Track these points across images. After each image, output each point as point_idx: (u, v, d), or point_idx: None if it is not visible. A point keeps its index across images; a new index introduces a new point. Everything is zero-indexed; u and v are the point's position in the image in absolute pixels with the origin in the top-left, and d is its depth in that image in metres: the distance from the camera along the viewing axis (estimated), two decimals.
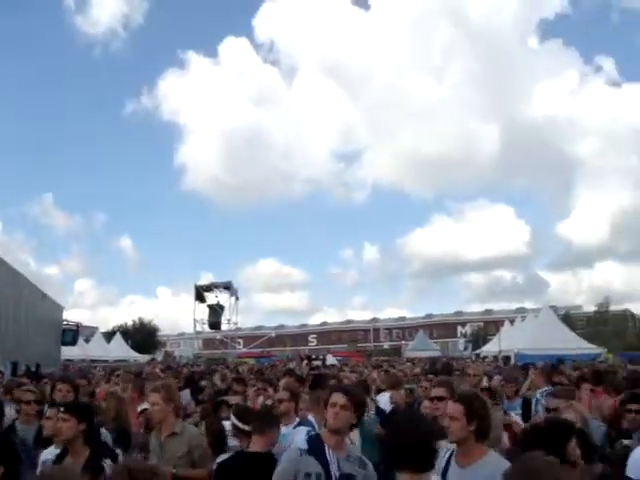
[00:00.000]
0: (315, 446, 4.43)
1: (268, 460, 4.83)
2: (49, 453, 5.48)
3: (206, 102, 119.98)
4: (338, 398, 4.49)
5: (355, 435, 6.11)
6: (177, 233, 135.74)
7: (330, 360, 39.81)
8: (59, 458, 5.17)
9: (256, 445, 5.18)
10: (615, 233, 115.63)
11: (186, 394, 11.15)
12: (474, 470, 4.13)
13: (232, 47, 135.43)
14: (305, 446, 4.47)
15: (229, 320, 59.60)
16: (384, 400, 9.08)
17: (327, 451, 4.37)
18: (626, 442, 5.30)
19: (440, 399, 5.72)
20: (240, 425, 5.76)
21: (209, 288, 58.79)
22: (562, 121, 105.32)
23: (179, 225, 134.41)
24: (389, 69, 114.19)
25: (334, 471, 4.29)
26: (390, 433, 3.64)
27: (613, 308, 68.56)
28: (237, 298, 59.27)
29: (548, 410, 5.68)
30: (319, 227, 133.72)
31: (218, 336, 66.84)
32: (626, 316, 66.82)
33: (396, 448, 3.47)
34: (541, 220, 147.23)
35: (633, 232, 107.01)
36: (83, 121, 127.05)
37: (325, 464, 4.31)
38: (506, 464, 4.10)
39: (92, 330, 56.74)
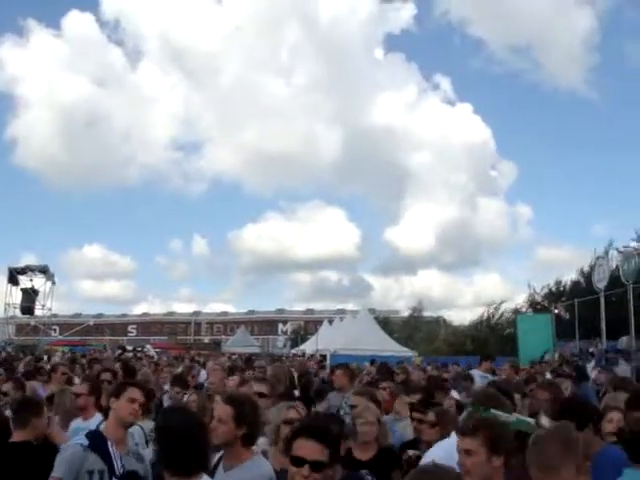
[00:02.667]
0: (97, 442, 4.26)
1: (28, 450, 4.64)
2: None
3: (44, 75, 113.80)
4: (140, 396, 4.51)
5: None
6: None
7: (151, 352, 39.19)
8: None
9: (17, 436, 4.96)
10: (439, 244, 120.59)
11: None
12: (236, 473, 4.11)
13: (76, 21, 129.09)
14: (86, 442, 4.25)
15: (44, 305, 57.33)
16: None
17: (110, 447, 4.25)
18: (411, 452, 5.33)
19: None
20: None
21: (24, 271, 56.27)
22: (398, 133, 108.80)
23: (3, 202, 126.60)
24: (237, 63, 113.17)
25: (117, 467, 4.19)
26: (162, 432, 3.56)
27: (428, 314, 71.97)
28: (54, 283, 57.04)
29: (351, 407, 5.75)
30: (151, 216, 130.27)
31: (32, 322, 64.08)
32: (439, 322, 70.10)
33: (168, 448, 3.42)
34: (371, 226, 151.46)
35: (455, 244, 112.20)
36: None
37: (108, 460, 4.18)
38: (268, 467, 4.26)
39: None
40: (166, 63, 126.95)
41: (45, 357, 23.37)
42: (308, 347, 42.03)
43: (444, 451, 4.27)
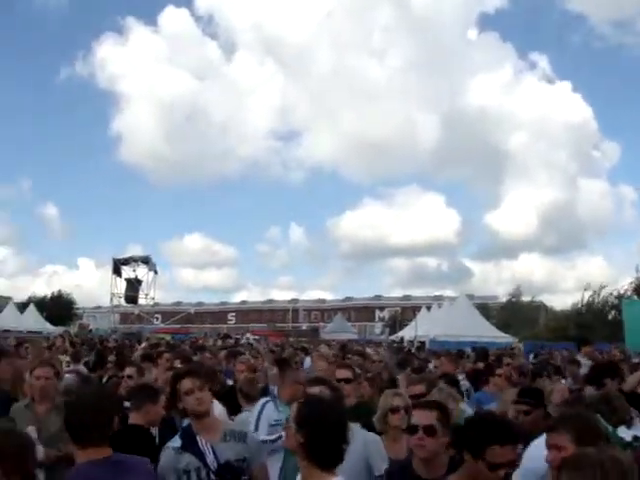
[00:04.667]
0: (188, 440, 4.30)
1: (142, 434, 4.75)
2: None
3: (145, 71, 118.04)
4: (194, 383, 4.38)
5: None
6: (106, 203, 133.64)
7: (250, 340, 39.79)
8: None
9: (132, 418, 5.15)
10: (540, 227, 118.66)
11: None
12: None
13: (172, 17, 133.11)
14: (178, 443, 4.31)
15: (147, 295, 59.06)
16: None
17: (200, 441, 4.27)
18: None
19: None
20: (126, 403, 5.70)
21: (127, 261, 58.09)
22: (496, 114, 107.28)
23: (109, 196, 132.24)
24: (330, 50, 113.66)
25: (210, 461, 4.20)
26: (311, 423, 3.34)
27: (529, 299, 70.31)
28: (156, 272, 58.83)
29: (412, 397, 5.60)
30: (251, 205, 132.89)
31: (136, 311, 66.06)
32: (539, 307, 68.61)
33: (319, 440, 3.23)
34: (470, 210, 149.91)
35: (557, 227, 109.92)
36: (14, 86, 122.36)
37: (201, 455, 4.21)
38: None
39: (6, 300, 55.23)
40: (260, 54, 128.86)
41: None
42: (406, 333, 41.78)
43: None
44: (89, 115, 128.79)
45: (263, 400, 6.14)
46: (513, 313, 62.88)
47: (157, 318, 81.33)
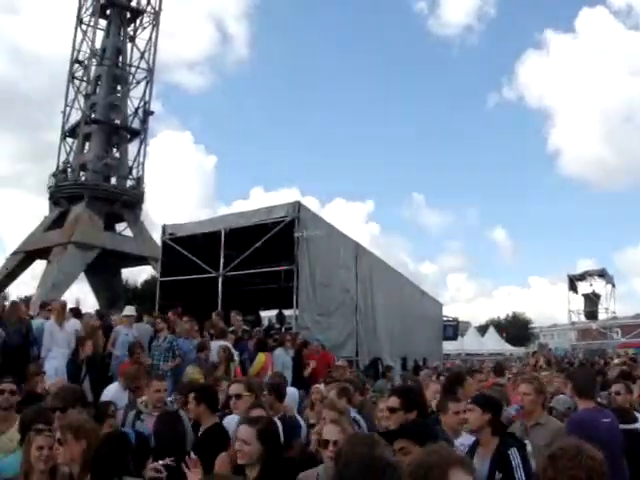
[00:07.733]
0: None
1: None
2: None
3: (571, 81, 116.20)
4: None
5: None
6: (552, 220, 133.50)
7: None
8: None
9: None
10: None
11: None
12: None
13: (589, 19, 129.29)
14: None
15: (607, 309, 57.33)
16: None
17: None
18: None
19: None
20: None
21: (582, 277, 57.19)
22: None
23: (554, 211, 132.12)
24: None
25: None
26: None
27: None
28: (613, 285, 56.80)
29: None
30: None
31: (594, 326, 64.50)
32: None
33: None
34: None
35: None
36: (446, 120, 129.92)
37: None
38: None
39: (465, 325, 57.83)
40: None
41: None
42: None
43: None
44: (524, 136, 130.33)
45: None
46: None
47: (617, 332, 78.37)
